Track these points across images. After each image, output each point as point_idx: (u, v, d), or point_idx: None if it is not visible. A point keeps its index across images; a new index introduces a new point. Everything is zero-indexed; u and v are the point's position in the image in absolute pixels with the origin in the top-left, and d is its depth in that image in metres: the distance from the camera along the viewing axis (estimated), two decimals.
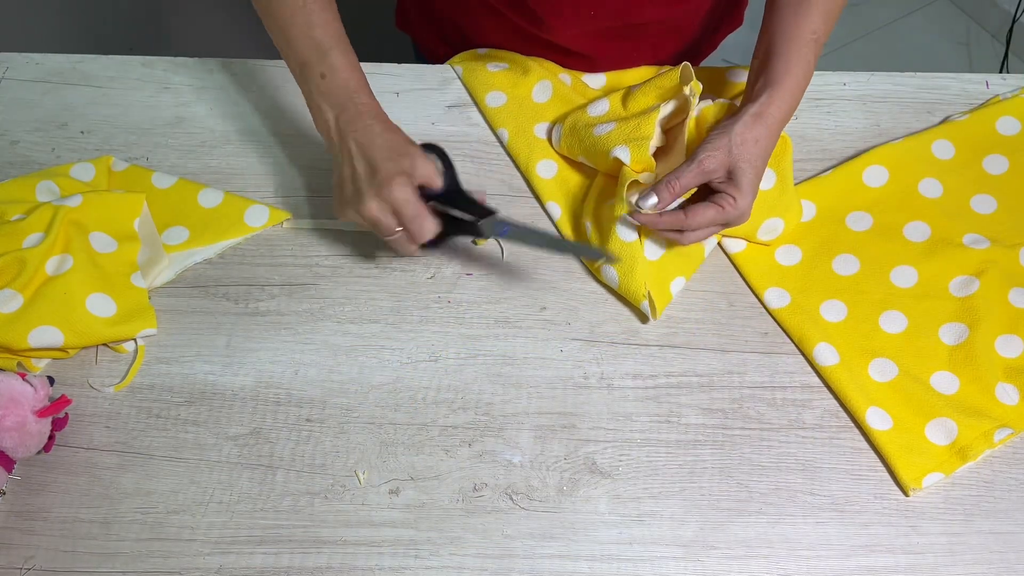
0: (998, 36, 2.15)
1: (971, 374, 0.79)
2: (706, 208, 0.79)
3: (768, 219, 0.85)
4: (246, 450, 0.76)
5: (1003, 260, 0.84)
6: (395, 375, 0.80)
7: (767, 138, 0.79)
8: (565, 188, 0.90)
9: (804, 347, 0.81)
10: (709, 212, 0.79)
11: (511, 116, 0.93)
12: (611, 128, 0.86)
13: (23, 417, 0.72)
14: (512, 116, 0.93)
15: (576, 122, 0.89)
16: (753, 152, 0.79)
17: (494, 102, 0.95)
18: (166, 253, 0.86)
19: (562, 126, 0.90)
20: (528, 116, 0.93)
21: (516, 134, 0.93)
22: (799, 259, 0.86)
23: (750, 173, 0.79)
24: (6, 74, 0.99)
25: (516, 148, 0.92)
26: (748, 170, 0.78)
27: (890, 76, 0.99)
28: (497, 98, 0.95)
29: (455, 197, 0.80)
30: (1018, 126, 0.93)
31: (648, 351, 0.82)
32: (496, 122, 0.94)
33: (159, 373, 0.80)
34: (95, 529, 0.73)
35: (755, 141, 0.79)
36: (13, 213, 0.83)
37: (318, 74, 0.79)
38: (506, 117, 0.94)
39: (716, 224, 0.81)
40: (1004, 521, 0.73)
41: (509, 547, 0.72)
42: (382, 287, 0.85)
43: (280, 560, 0.72)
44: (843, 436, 0.77)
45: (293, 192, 0.91)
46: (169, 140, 0.94)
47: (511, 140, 0.93)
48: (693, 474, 0.76)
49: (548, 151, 0.92)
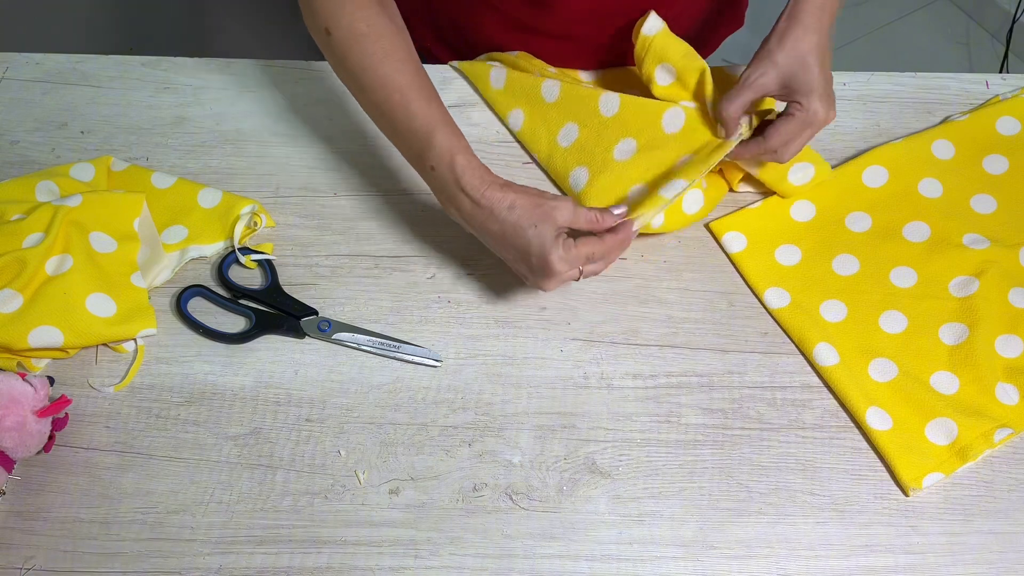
0: (998, 36, 2.15)
1: (971, 374, 0.79)
2: (779, 124, 0.81)
3: (798, 161, 0.86)
4: (246, 450, 0.76)
5: (1003, 260, 0.84)
6: (395, 375, 0.80)
7: (810, 33, 0.79)
8: (588, 153, 0.89)
9: (804, 347, 0.81)
10: (783, 127, 0.81)
11: (522, 95, 0.93)
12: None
13: (23, 417, 0.72)
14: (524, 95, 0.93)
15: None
16: (798, 52, 0.79)
17: (499, 83, 0.95)
18: (166, 253, 0.86)
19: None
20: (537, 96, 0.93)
21: (530, 113, 0.92)
22: (799, 259, 0.86)
23: (803, 74, 0.79)
24: (6, 74, 0.99)
25: (532, 127, 0.92)
26: (802, 71, 0.79)
27: (890, 76, 0.99)
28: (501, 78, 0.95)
29: (275, 295, 0.83)
30: (1018, 126, 0.93)
31: (648, 351, 0.82)
32: (506, 105, 0.94)
33: (159, 373, 0.80)
34: (95, 529, 0.73)
35: (795, 41, 0.79)
36: (13, 213, 0.83)
37: (428, 167, 0.77)
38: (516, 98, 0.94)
39: (799, 133, 0.81)
40: (1004, 521, 0.73)
41: (509, 547, 0.72)
42: (382, 287, 0.85)
43: (280, 560, 0.72)
44: (843, 436, 0.77)
45: (293, 192, 0.91)
46: (169, 140, 0.94)
47: (526, 120, 0.92)
48: (693, 474, 0.76)
49: (568, 117, 0.91)
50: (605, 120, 0.88)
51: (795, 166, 0.87)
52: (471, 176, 0.75)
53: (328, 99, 0.97)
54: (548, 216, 0.74)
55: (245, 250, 0.86)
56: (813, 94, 0.80)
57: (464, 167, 0.75)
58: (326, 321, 0.82)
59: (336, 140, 0.94)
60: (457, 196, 0.76)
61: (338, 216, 0.89)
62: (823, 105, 0.80)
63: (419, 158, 0.78)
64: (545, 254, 0.74)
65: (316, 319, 0.82)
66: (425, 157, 0.77)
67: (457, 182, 0.75)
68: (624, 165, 0.86)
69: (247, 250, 0.86)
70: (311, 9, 0.79)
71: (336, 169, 0.92)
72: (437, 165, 0.76)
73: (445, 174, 0.76)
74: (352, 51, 0.77)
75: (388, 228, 0.89)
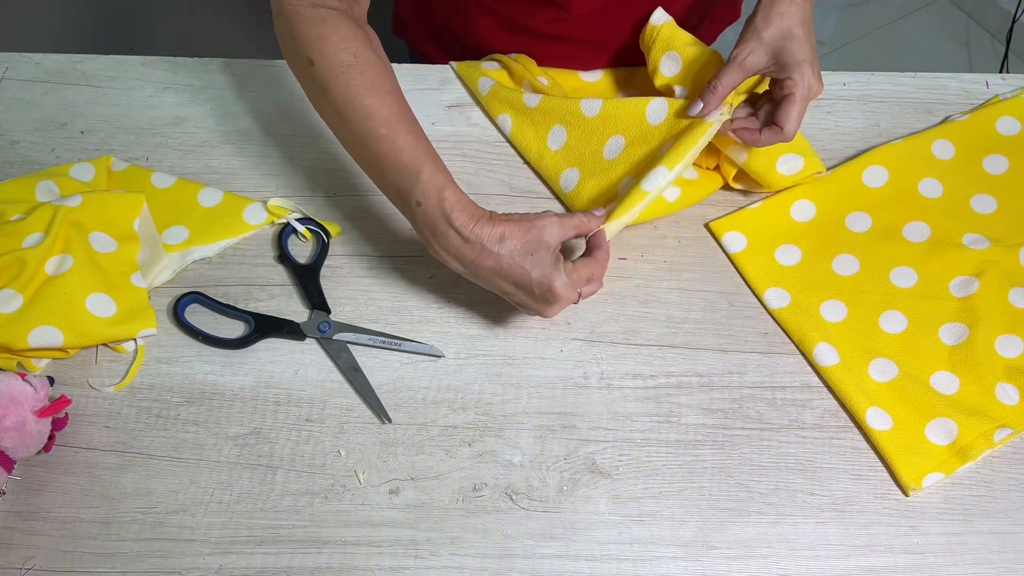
0: (998, 36, 2.15)
1: (971, 374, 0.79)
2: (787, 109, 0.81)
3: (785, 153, 0.86)
4: (246, 450, 0.76)
5: (1003, 260, 0.84)
6: (395, 375, 0.80)
7: (794, 6, 0.80)
8: (578, 154, 0.89)
9: (804, 347, 0.81)
10: (790, 110, 0.81)
11: (506, 102, 0.93)
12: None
13: (23, 417, 0.72)
14: (507, 102, 0.94)
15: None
16: (784, 26, 0.80)
17: (485, 90, 0.95)
18: (166, 253, 0.86)
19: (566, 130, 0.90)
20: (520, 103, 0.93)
21: (517, 118, 0.93)
22: (799, 259, 0.86)
23: (791, 46, 0.80)
24: (6, 74, 0.99)
25: (521, 130, 0.92)
26: (788, 44, 0.79)
27: (890, 76, 0.99)
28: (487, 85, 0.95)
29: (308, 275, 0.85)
30: (1018, 126, 0.93)
31: (648, 351, 0.82)
32: (494, 110, 0.94)
33: (159, 373, 0.80)
34: (95, 529, 0.73)
35: (780, 16, 0.80)
36: (13, 213, 0.83)
37: (414, 203, 0.74)
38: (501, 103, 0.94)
39: (804, 110, 0.81)
40: (1004, 521, 0.73)
41: (509, 547, 0.72)
42: (382, 287, 0.85)
43: (280, 560, 0.72)
44: (843, 436, 0.77)
45: (293, 192, 0.91)
46: (169, 140, 0.94)
47: (514, 124, 0.93)
48: (693, 474, 0.76)
49: (554, 121, 0.91)
50: (590, 120, 0.89)
51: (784, 156, 0.87)
52: (459, 212, 0.73)
53: None
54: (540, 240, 0.73)
55: (307, 220, 0.87)
56: (805, 65, 0.80)
57: (453, 203, 0.73)
58: (326, 322, 0.82)
59: (336, 140, 0.94)
60: (446, 233, 0.73)
61: (338, 216, 0.89)
62: (813, 76, 0.81)
63: (406, 193, 0.75)
64: (548, 282, 0.72)
65: (316, 320, 0.82)
66: (412, 192, 0.74)
67: (447, 218, 0.73)
68: (614, 163, 0.87)
69: (309, 220, 0.87)
70: (293, 40, 0.77)
71: (336, 169, 0.92)
72: (424, 201, 0.73)
73: (433, 210, 0.73)
74: (336, 82, 0.75)
75: (388, 228, 0.89)
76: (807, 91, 0.80)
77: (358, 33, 0.77)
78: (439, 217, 0.73)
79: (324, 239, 0.86)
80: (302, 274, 0.85)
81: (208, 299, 0.83)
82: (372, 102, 0.75)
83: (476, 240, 0.73)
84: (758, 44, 0.80)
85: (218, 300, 0.83)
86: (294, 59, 0.79)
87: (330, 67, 0.75)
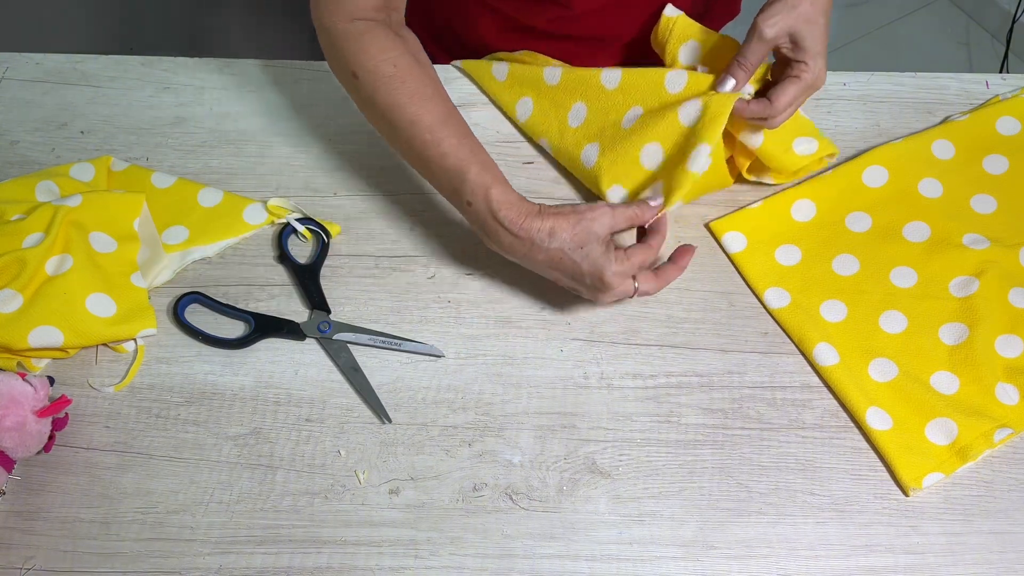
0: (998, 36, 2.15)
1: (971, 374, 0.79)
2: (786, 86, 0.80)
3: (799, 136, 0.86)
4: (246, 450, 0.76)
5: (1003, 260, 0.84)
6: (395, 375, 0.80)
7: None
8: (598, 128, 0.89)
9: (804, 347, 0.81)
10: (790, 89, 0.80)
11: (527, 83, 0.94)
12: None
13: (23, 417, 0.72)
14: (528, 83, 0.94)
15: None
16: (810, 10, 0.79)
17: (501, 76, 0.95)
18: (166, 253, 0.86)
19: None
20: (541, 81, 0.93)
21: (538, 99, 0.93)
22: (799, 259, 0.86)
23: (814, 31, 0.79)
24: (6, 74, 0.99)
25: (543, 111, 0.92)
26: (811, 29, 0.79)
27: (890, 76, 0.99)
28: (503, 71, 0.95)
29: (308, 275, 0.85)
30: (1018, 126, 0.93)
31: (648, 351, 0.82)
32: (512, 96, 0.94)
33: (159, 373, 0.80)
34: (95, 529, 0.73)
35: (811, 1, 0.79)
36: (13, 213, 0.83)
37: (465, 203, 0.78)
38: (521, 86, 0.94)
39: (801, 96, 0.81)
40: (1004, 521, 0.73)
41: (509, 547, 0.72)
42: (382, 287, 0.85)
43: (280, 560, 0.72)
44: (843, 436, 0.77)
45: (293, 192, 0.91)
46: (169, 140, 0.94)
47: (536, 106, 0.93)
48: (693, 474, 0.76)
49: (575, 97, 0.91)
50: (610, 93, 0.89)
51: (799, 139, 0.87)
52: (507, 210, 0.76)
53: (328, 99, 0.97)
54: (590, 232, 0.75)
55: (307, 221, 0.87)
56: (820, 57, 0.80)
57: (500, 201, 0.76)
58: (326, 322, 0.82)
59: (336, 140, 0.94)
60: (497, 231, 0.76)
61: (338, 216, 0.89)
62: (823, 68, 0.81)
63: (456, 193, 0.79)
64: (599, 272, 0.75)
65: (316, 320, 0.82)
66: (461, 192, 0.77)
67: (494, 216, 0.76)
68: (631, 132, 0.87)
69: (310, 220, 0.87)
70: (336, 54, 0.80)
71: (336, 169, 0.92)
72: (473, 200, 0.77)
73: (482, 209, 0.76)
74: (379, 93, 0.78)
75: (388, 228, 0.89)
76: (813, 78, 0.81)
77: (397, 42, 0.79)
78: (488, 216, 0.76)
79: (324, 239, 0.87)
80: (302, 274, 0.85)
81: (208, 299, 0.83)
82: (415, 110, 0.78)
83: (526, 236, 0.75)
84: (785, 17, 0.79)
85: (218, 300, 0.83)
86: (339, 72, 0.82)
87: (373, 79, 0.78)
